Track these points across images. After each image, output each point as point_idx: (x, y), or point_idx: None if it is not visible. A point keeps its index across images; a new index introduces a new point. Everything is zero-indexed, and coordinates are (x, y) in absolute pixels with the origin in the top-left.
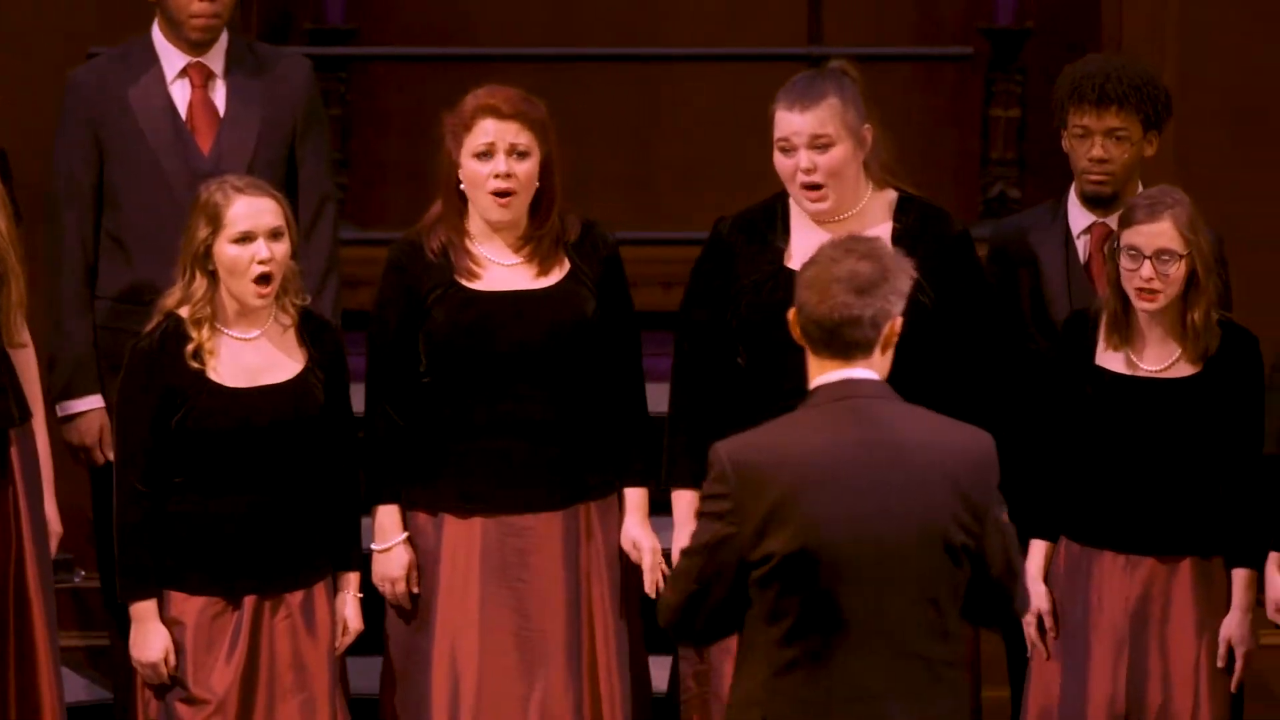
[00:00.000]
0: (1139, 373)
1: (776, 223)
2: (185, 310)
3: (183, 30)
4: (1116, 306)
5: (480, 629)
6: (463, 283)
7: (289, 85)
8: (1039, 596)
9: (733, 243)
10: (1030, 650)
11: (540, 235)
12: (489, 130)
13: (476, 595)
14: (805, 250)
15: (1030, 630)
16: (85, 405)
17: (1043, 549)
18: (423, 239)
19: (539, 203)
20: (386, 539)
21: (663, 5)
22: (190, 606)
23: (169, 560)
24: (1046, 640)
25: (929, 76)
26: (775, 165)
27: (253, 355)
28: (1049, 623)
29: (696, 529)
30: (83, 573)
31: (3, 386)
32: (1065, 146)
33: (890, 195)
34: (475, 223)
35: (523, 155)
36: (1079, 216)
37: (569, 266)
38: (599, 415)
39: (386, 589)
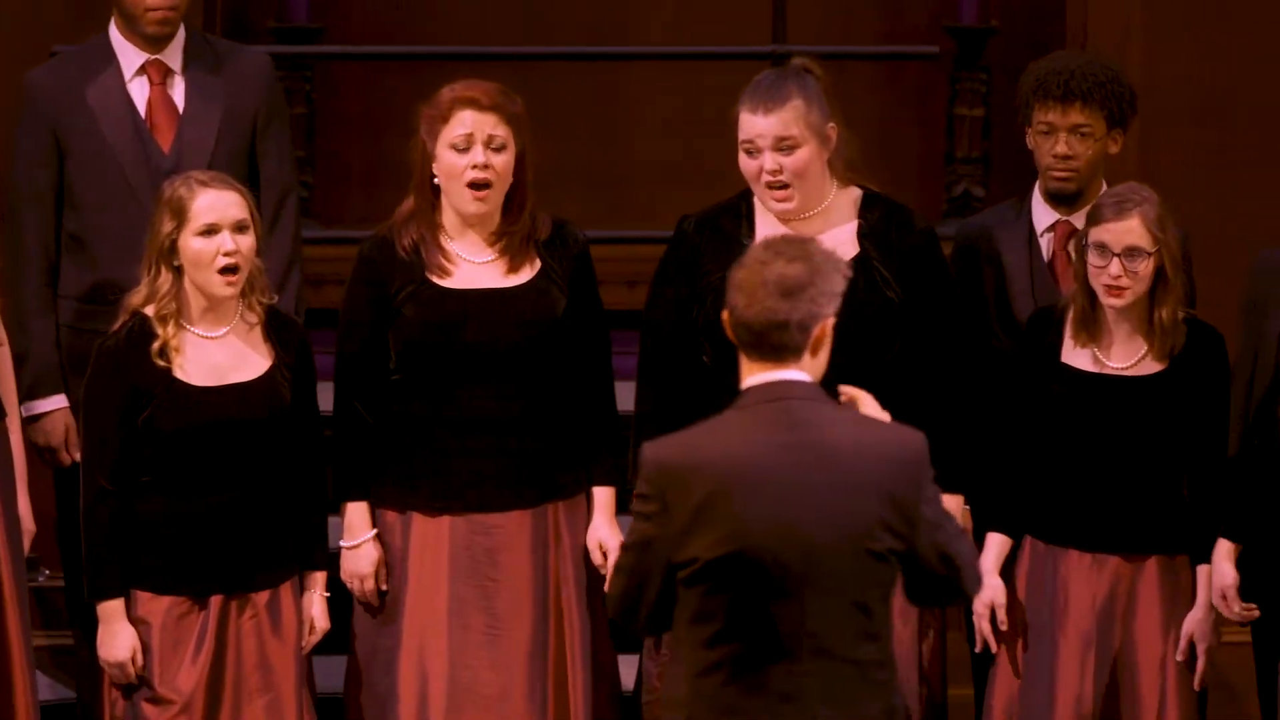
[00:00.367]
0: (1105, 370)
1: (741, 220)
2: (151, 307)
3: (139, 25)
4: (1084, 303)
5: (449, 627)
6: (433, 280)
7: (249, 81)
8: (994, 590)
9: (697, 240)
10: (977, 643)
11: (512, 232)
12: (467, 121)
13: (445, 593)
14: None
15: (983, 624)
16: (50, 405)
17: (1000, 543)
18: (394, 236)
19: (512, 198)
20: (355, 536)
21: (627, 4)
22: (157, 606)
23: (135, 559)
24: (1010, 640)
25: (893, 75)
26: (740, 165)
27: (219, 354)
28: (1001, 615)
29: (630, 528)
30: (47, 572)
31: None
32: (1029, 143)
33: (855, 193)
34: (448, 217)
35: (500, 148)
36: (1043, 214)
37: (540, 265)
38: (568, 414)
39: (355, 586)
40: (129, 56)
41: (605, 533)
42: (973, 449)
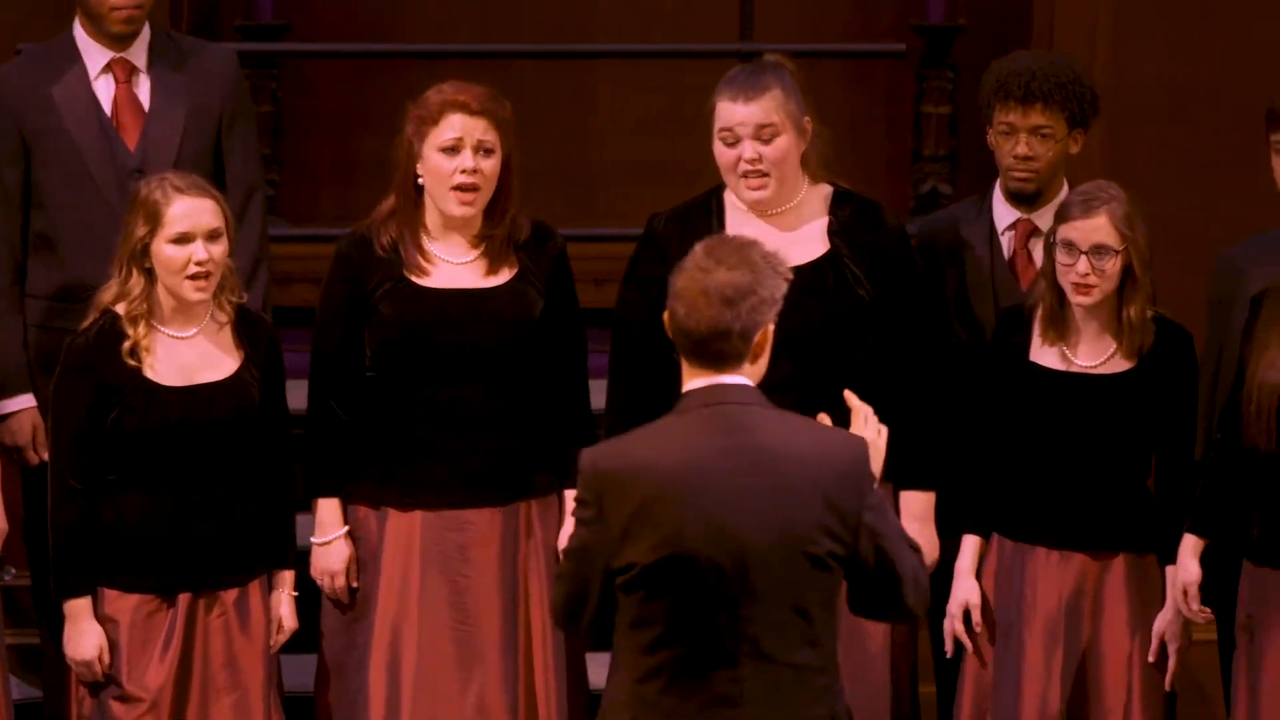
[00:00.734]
0: (1073, 368)
1: (712, 217)
2: (122, 307)
3: (104, 25)
4: (1052, 301)
5: (419, 622)
6: (411, 278)
7: (214, 77)
8: (968, 591)
9: (668, 238)
10: (948, 644)
11: (493, 235)
12: (457, 126)
13: (416, 589)
14: None
15: (956, 624)
16: (17, 405)
17: (974, 544)
18: (373, 233)
19: (495, 202)
20: (327, 532)
21: (595, 2)
22: (124, 604)
23: (103, 558)
24: (976, 638)
25: (861, 73)
26: (716, 156)
27: (189, 353)
28: (976, 617)
29: (570, 534)
30: (14, 570)
31: None
32: (990, 143)
33: (825, 190)
34: (431, 217)
35: (488, 152)
36: (1004, 212)
37: (518, 266)
38: (543, 415)
39: (326, 582)
40: (94, 55)
41: None
42: (943, 446)
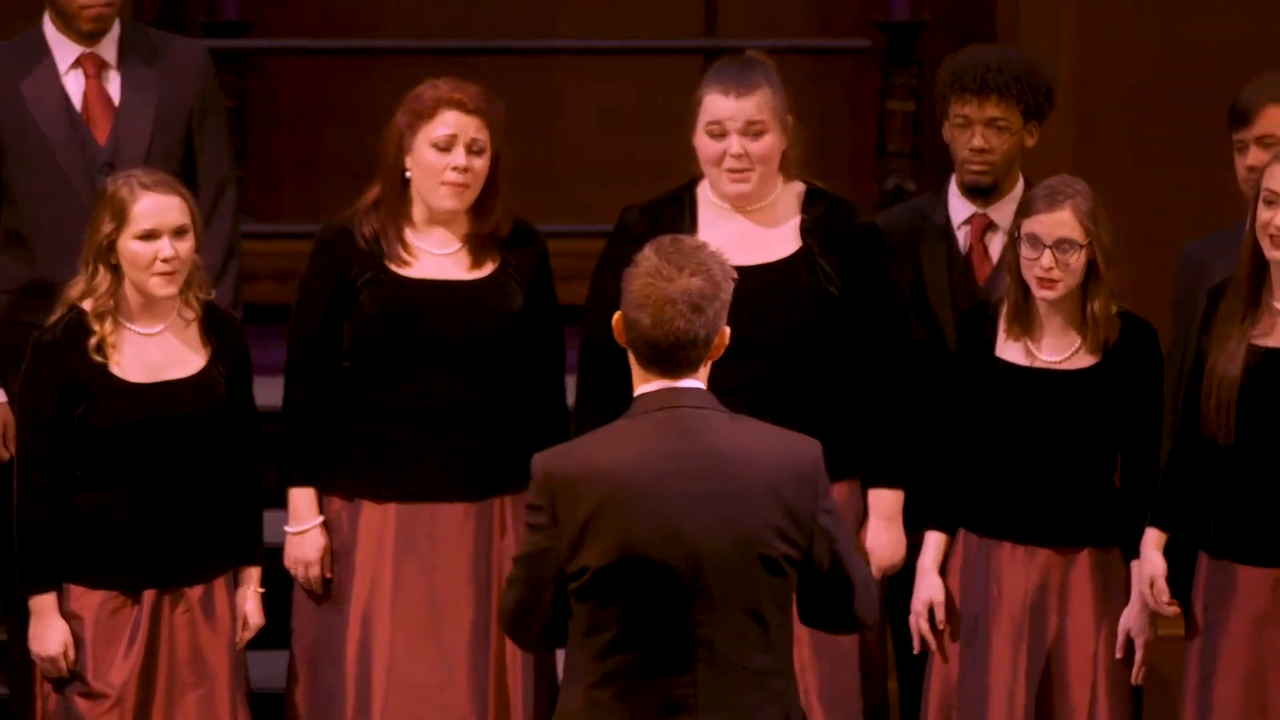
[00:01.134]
0: (1037, 363)
1: (684, 213)
2: (89, 303)
3: (74, 22)
4: (1017, 296)
5: (392, 616)
6: (392, 269)
7: (184, 72)
8: (932, 589)
9: (640, 231)
10: (915, 643)
11: (479, 233)
12: (451, 123)
13: (389, 583)
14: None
15: (920, 622)
16: None
17: (938, 541)
18: (355, 224)
19: (483, 200)
20: (300, 522)
21: None
22: (90, 600)
23: (69, 554)
24: (941, 637)
25: (824, 69)
26: (699, 148)
27: (156, 350)
28: (940, 615)
29: (522, 539)
30: None
31: None
32: (946, 136)
33: (798, 187)
34: (417, 210)
35: (480, 151)
36: (959, 207)
37: (500, 261)
38: (519, 411)
39: (300, 572)
40: (64, 50)
41: None
42: (912, 445)
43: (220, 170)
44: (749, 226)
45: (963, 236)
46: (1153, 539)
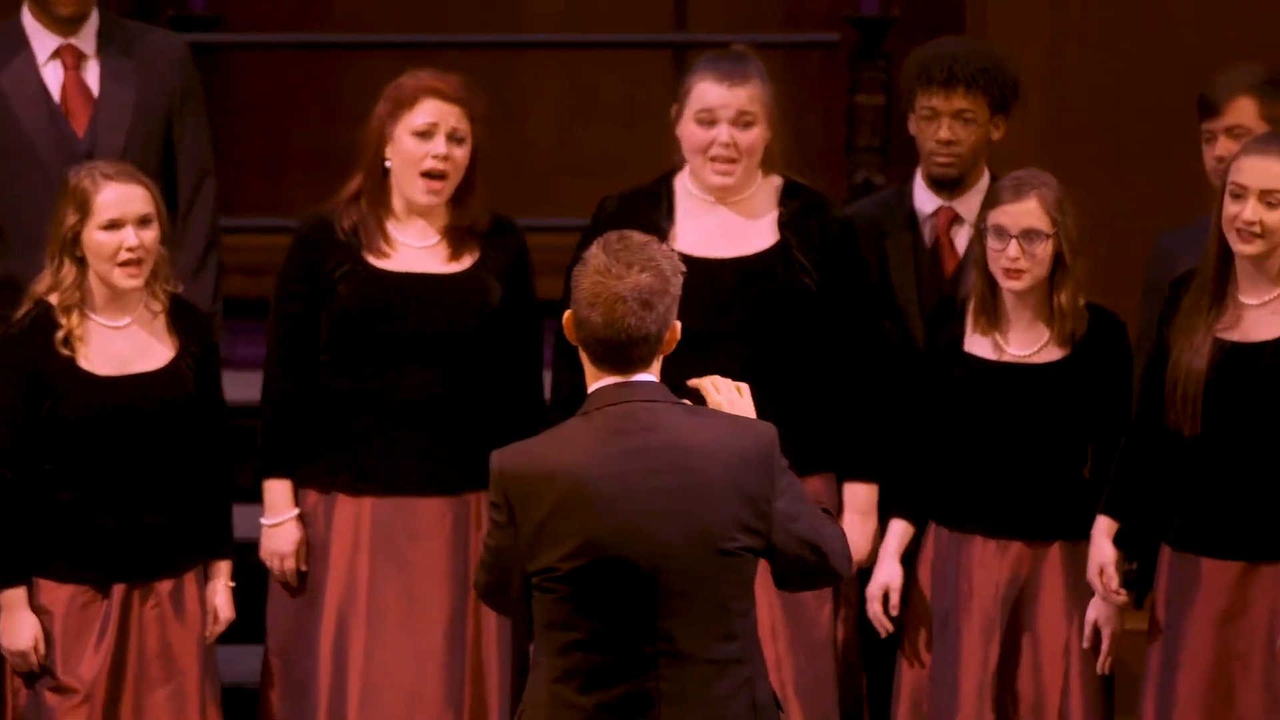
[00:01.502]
0: (1005, 357)
1: (661, 204)
2: (55, 297)
3: (52, 9)
4: (984, 290)
5: (367, 611)
6: (371, 261)
7: (163, 63)
8: (889, 574)
9: (617, 224)
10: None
11: (458, 225)
12: (431, 111)
13: (365, 577)
14: (691, 233)
15: (875, 605)
16: None
17: (901, 529)
18: (335, 216)
19: (462, 192)
20: (276, 514)
21: None
22: (59, 595)
23: (38, 548)
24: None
25: (794, 63)
26: (685, 136)
27: (123, 343)
28: (894, 600)
29: (488, 529)
30: None
31: None
32: (912, 128)
33: (776, 181)
34: (396, 201)
35: (460, 141)
36: (925, 200)
37: (479, 254)
38: (497, 406)
39: (274, 565)
40: (42, 41)
41: None
42: (886, 438)
43: (200, 163)
44: (727, 219)
45: (929, 229)
46: (1104, 527)
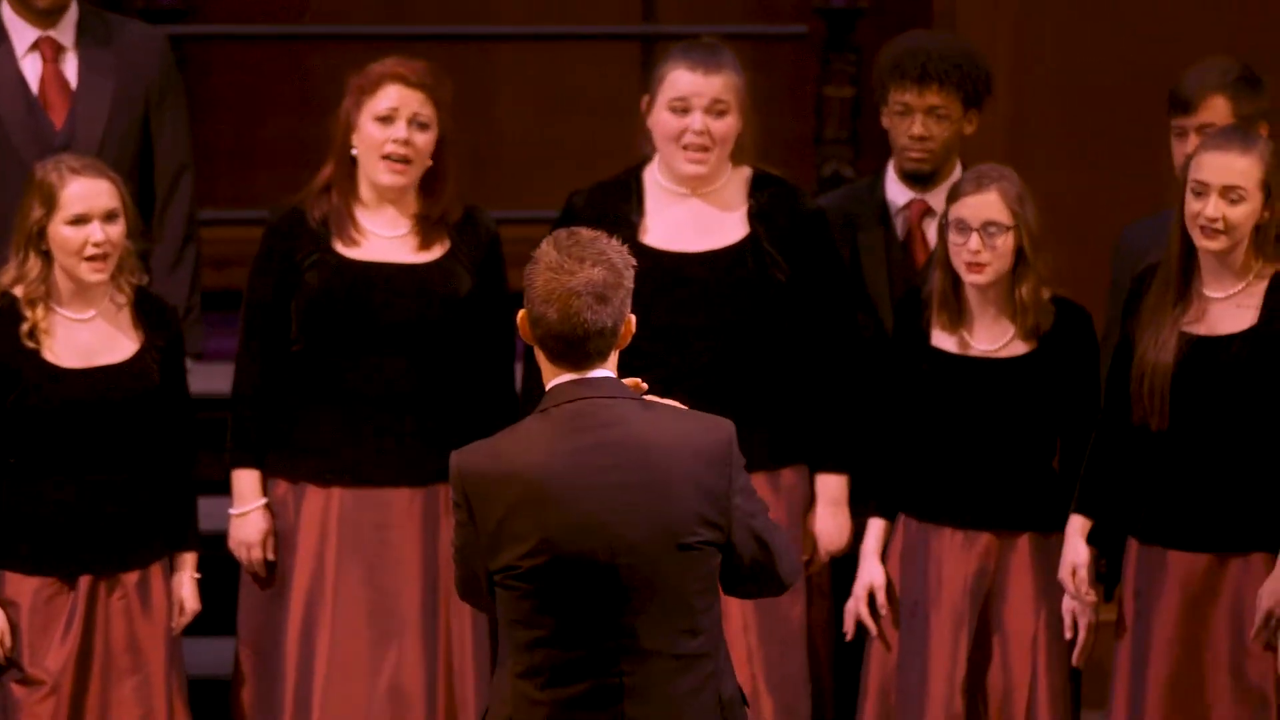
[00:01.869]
0: (971, 352)
1: (631, 197)
2: (20, 289)
3: (30, 0)
4: (946, 285)
5: (334, 602)
6: (340, 250)
7: (142, 57)
8: (873, 574)
9: (587, 217)
10: (847, 626)
11: (428, 215)
12: (393, 96)
13: (332, 568)
14: (661, 226)
15: (861, 606)
16: None
17: (879, 527)
18: (306, 205)
19: (432, 181)
20: (243, 504)
21: None
22: (25, 587)
23: (3, 540)
24: (880, 620)
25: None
26: (657, 124)
27: (88, 335)
28: (880, 599)
29: (454, 528)
30: None
31: None
32: (885, 123)
33: (745, 172)
34: (365, 190)
35: (423, 126)
36: (897, 193)
37: (449, 245)
38: (466, 396)
39: (242, 554)
40: (21, 33)
41: None
42: (858, 430)
43: (178, 155)
44: (697, 211)
45: (901, 222)
46: (1078, 526)
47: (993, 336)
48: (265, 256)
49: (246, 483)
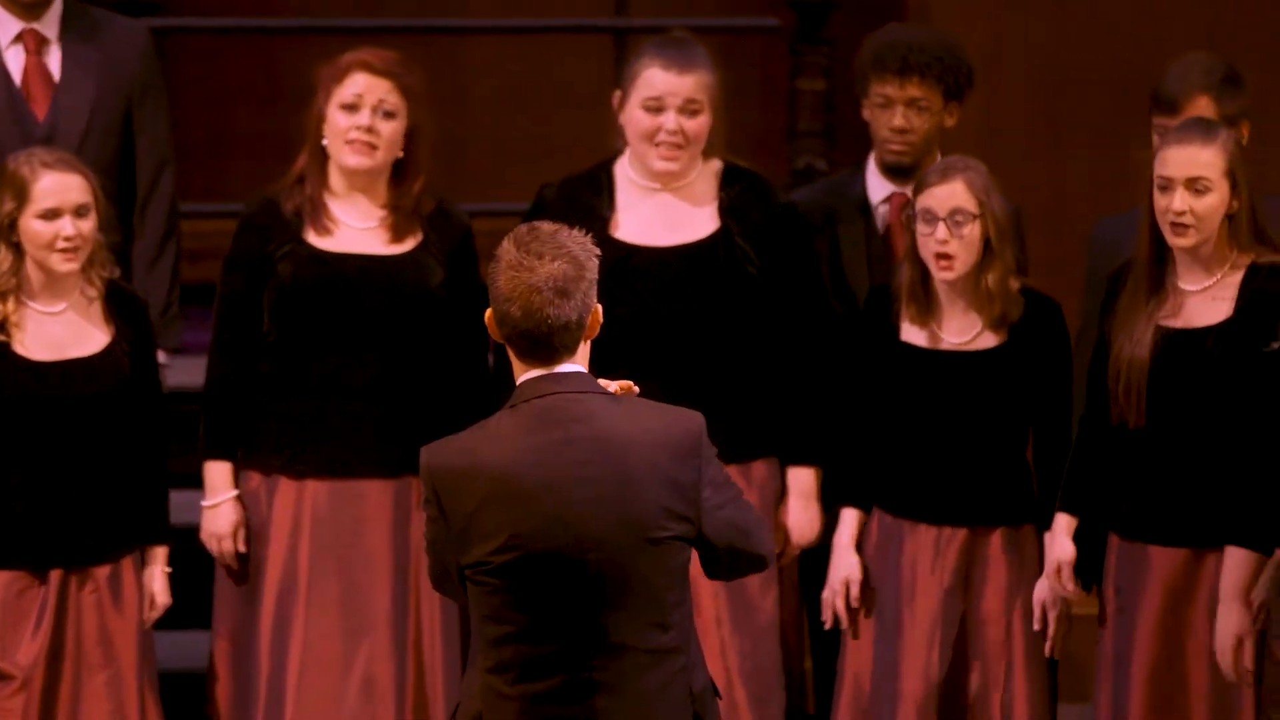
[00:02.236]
0: (941, 346)
1: (602, 191)
2: None
3: None
4: (915, 279)
5: (307, 594)
6: (312, 241)
7: (125, 50)
8: (849, 567)
9: (557, 210)
10: (824, 617)
11: (400, 205)
12: (359, 84)
13: (305, 560)
14: (632, 220)
15: (837, 600)
16: None
17: (854, 518)
18: (280, 196)
19: (403, 171)
20: (215, 495)
21: None
22: None
23: None
24: (856, 615)
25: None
26: (630, 122)
27: (59, 328)
28: (855, 593)
29: (425, 523)
30: None
31: None
32: (866, 115)
33: (715, 165)
34: (336, 180)
35: (389, 115)
36: (878, 185)
37: (421, 237)
38: (439, 389)
39: (213, 546)
40: (4, 25)
41: None
42: (829, 423)
43: (160, 150)
44: (668, 206)
45: (881, 215)
46: (1063, 524)
47: (962, 329)
48: (238, 249)
49: (218, 475)
